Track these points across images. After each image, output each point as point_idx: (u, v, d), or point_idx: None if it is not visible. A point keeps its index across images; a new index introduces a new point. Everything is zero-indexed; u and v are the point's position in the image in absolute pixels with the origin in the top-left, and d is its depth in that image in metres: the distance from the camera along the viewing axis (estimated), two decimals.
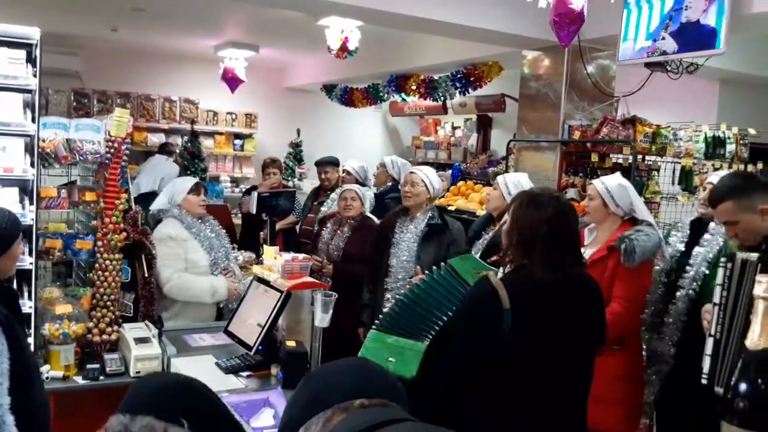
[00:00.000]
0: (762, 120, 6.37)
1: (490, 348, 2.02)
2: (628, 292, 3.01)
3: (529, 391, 2.06)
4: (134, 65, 8.64)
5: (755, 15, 4.03)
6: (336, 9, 4.86)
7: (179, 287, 3.55)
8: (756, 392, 1.17)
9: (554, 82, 5.47)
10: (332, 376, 1.11)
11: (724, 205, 2.50)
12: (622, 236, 3.04)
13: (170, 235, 3.59)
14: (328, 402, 1.05)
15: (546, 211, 2.13)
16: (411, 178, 3.89)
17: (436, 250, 3.71)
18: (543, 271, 2.07)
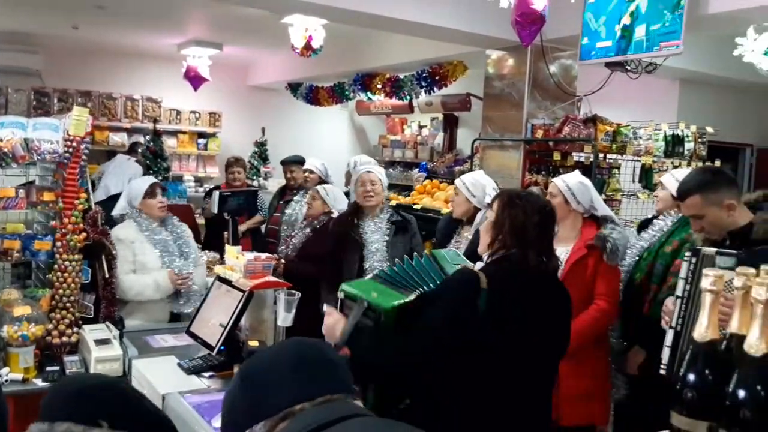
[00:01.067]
0: (720, 118, 6.53)
1: (466, 328, 2.04)
2: (610, 287, 3.12)
3: (498, 376, 2.08)
4: (96, 63, 8.50)
5: (712, 15, 4.13)
6: (299, 7, 4.84)
7: (123, 289, 3.51)
8: (703, 383, 1.20)
9: (517, 81, 5.53)
10: (270, 379, 1.07)
11: (692, 198, 2.53)
12: (601, 235, 3.12)
13: (118, 236, 3.56)
14: (269, 411, 1.03)
15: (537, 202, 2.21)
16: (370, 177, 3.87)
17: (403, 244, 3.76)
18: (533, 255, 2.12)
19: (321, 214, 4.32)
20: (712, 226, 2.51)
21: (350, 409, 1.02)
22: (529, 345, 2.09)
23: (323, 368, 1.09)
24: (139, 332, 3.31)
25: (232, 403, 1.09)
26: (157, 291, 3.56)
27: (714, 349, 1.22)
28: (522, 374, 2.11)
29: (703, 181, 2.55)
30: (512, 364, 2.08)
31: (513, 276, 2.14)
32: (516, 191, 2.37)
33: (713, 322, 1.23)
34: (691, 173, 2.75)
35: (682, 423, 1.21)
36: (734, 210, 2.47)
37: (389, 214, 3.86)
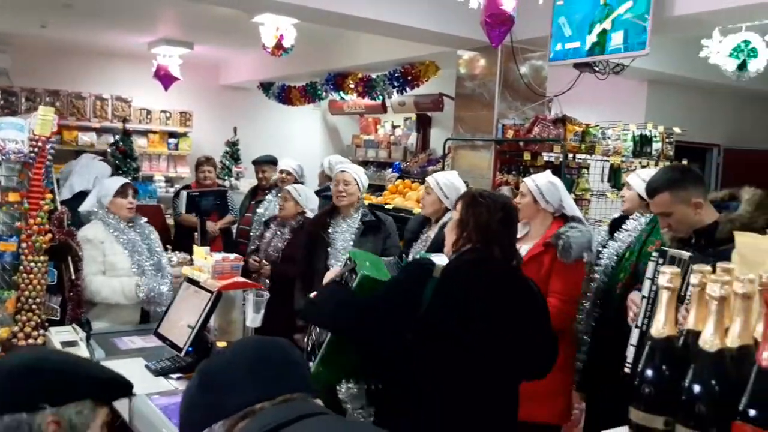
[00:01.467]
0: (687, 119, 6.64)
1: (408, 310, 2.12)
2: (564, 286, 3.12)
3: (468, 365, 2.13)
4: (65, 62, 8.37)
5: (678, 17, 4.20)
6: (270, 6, 4.83)
7: (90, 291, 3.47)
8: (660, 378, 1.22)
9: (488, 81, 5.56)
10: (229, 379, 1.07)
11: (660, 196, 2.56)
12: (557, 233, 3.13)
13: (87, 237, 3.51)
14: (228, 409, 1.03)
15: (499, 200, 2.28)
16: (344, 177, 3.88)
17: (372, 246, 3.72)
18: (498, 250, 2.18)
19: (296, 215, 4.31)
20: (679, 224, 2.55)
21: (310, 408, 1.03)
22: (495, 336, 2.11)
23: (283, 368, 1.09)
24: (106, 334, 3.28)
25: (191, 402, 1.08)
26: (123, 296, 3.53)
27: (671, 345, 1.24)
28: (494, 365, 2.13)
29: (672, 179, 2.59)
30: (481, 354, 2.11)
31: (470, 267, 2.19)
32: (479, 191, 2.42)
33: (670, 319, 1.25)
34: (660, 171, 2.78)
35: (639, 418, 1.23)
36: (701, 208, 2.51)
37: (363, 214, 3.85)
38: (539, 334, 2.25)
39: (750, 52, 4.39)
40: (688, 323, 1.25)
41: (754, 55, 4.39)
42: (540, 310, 2.28)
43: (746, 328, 1.17)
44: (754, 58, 4.39)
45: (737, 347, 1.17)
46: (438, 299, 2.12)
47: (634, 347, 2.22)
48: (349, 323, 2.24)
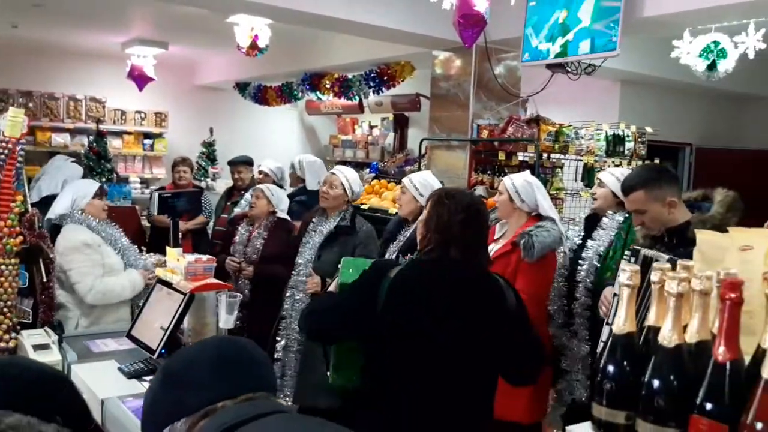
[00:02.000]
0: (659, 119, 6.73)
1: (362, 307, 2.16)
2: (529, 285, 3.12)
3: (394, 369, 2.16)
4: (37, 63, 8.26)
5: (647, 18, 4.25)
6: (243, 6, 4.81)
7: (103, 292, 3.46)
8: (621, 374, 1.25)
9: (463, 82, 5.59)
10: (191, 377, 1.08)
11: (636, 194, 2.61)
12: (522, 232, 3.16)
13: (85, 241, 3.48)
14: (190, 406, 1.04)
15: (462, 201, 2.25)
16: (330, 179, 3.88)
17: (339, 252, 3.63)
18: (456, 251, 2.17)
19: (267, 214, 4.30)
20: (652, 222, 2.59)
21: (271, 407, 1.04)
22: (447, 335, 2.12)
23: (245, 367, 1.10)
24: (78, 337, 3.25)
25: (154, 399, 1.09)
26: (133, 290, 3.56)
27: (631, 342, 1.27)
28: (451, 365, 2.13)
29: (648, 177, 2.64)
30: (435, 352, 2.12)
31: (423, 268, 2.22)
32: (447, 190, 2.41)
33: (630, 316, 1.28)
34: (636, 170, 2.83)
35: (602, 413, 1.25)
36: (675, 207, 2.56)
37: (341, 219, 3.83)
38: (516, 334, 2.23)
39: (719, 52, 4.46)
40: (649, 319, 1.27)
41: (724, 55, 4.46)
42: (511, 312, 2.23)
43: (704, 323, 1.21)
44: (724, 59, 4.47)
45: (695, 342, 1.20)
46: (394, 298, 2.13)
47: (605, 343, 2.25)
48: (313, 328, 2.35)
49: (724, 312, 1.12)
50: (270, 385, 1.11)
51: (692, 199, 2.72)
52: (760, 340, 1.14)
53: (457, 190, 2.39)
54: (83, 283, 3.44)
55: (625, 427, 1.22)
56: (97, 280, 3.46)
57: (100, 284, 3.46)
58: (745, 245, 1.34)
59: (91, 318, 3.52)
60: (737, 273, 1.21)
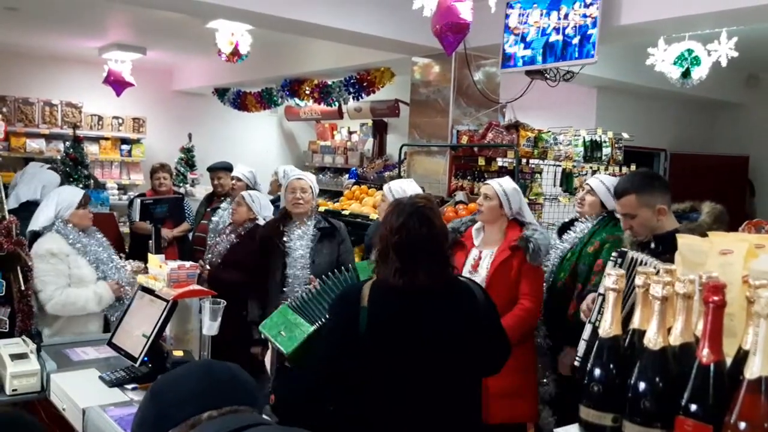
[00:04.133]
0: (635, 125, 6.83)
1: (347, 343, 2.09)
2: (533, 287, 3.21)
3: (386, 391, 2.11)
4: (11, 67, 8.15)
5: (624, 26, 4.32)
6: (223, 12, 4.80)
7: (63, 303, 3.40)
8: (608, 376, 1.27)
9: (443, 88, 5.63)
10: (177, 390, 1.11)
11: (627, 198, 2.66)
12: (524, 237, 3.21)
13: (51, 251, 3.42)
14: (175, 419, 1.06)
15: (396, 221, 2.15)
16: (300, 184, 3.87)
17: (329, 252, 3.77)
18: (395, 278, 2.10)
19: (246, 221, 4.29)
20: (640, 227, 2.64)
21: (256, 419, 1.06)
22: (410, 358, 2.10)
23: (230, 383, 1.14)
24: (58, 345, 3.20)
25: (142, 416, 1.11)
26: (99, 303, 3.49)
27: (617, 345, 1.29)
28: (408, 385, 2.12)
29: (641, 183, 2.69)
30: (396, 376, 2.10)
31: (390, 292, 2.13)
32: (393, 205, 2.29)
33: (616, 319, 1.30)
34: (629, 175, 2.91)
35: (589, 416, 1.27)
36: (664, 215, 2.61)
37: (317, 221, 3.87)
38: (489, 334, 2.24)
39: (693, 60, 4.55)
40: (634, 322, 1.30)
41: (697, 63, 4.55)
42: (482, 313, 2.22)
43: (688, 326, 1.23)
44: (697, 66, 4.56)
45: (679, 345, 1.22)
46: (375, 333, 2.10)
47: (585, 342, 2.28)
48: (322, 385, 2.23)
49: (708, 315, 1.15)
50: (254, 401, 1.13)
51: (681, 210, 2.78)
52: (741, 342, 1.17)
53: (399, 204, 2.24)
54: (45, 292, 3.39)
55: (612, 428, 1.24)
56: (58, 290, 3.40)
57: (61, 295, 3.41)
58: (725, 249, 1.37)
59: (53, 329, 3.47)
60: (718, 276, 1.23)
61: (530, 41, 4.64)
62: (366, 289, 2.13)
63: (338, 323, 2.15)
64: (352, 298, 2.13)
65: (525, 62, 4.70)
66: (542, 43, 4.55)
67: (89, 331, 3.51)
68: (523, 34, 4.68)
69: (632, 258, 2.27)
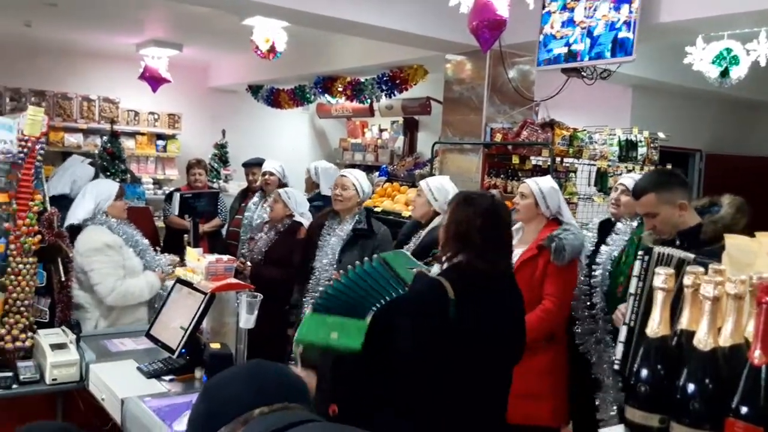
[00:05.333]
0: (671, 124, 6.72)
1: (437, 338, 2.07)
2: (558, 289, 3.15)
3: (463, 382, 2.12)
4: (50, 62, 8.29)
5: (663, 24, 4.26)
6: (260, 9, 4.83)
7: (123, 294, 3.49)
8: (655, 377, 1.25)
9: (477, 85, 5.60)
10: (229, 388, 1.12)
11: (647, 197, 2.63)
12: (550, 235, 3.16)
13: (107, 243, 3.50)
14: (228, 416, 1.07)
15: (480, 206, 2.21)
16: (342, 181, 3.90)
17: (359, 255, 3.63)
18: (480, 261, 2.14)
19: (283, 218, 4.33)
20: (663, 225, 2.61)
21: (307, 416, 1.06)
22: (491, 351, 2.13)
23: (280, 381, 1.15)
24: (96, 336, 3.27)
25: (195, 414, 1.13)
26: (151, 292, 3.59)
27: (665, 345, 1.28)
28: (482, 379, 2.14)
29: (659, 181, 2.66)
30: (479, 365, 2.13)
31: (474, 284, 2.15)
32: (468, 194, 2.36)
33: (665, 319, 1.28)
34: (646, 174, 2.86)
35: (635, 416, 1.26)
36: (685, 210, 2.58)
37: (357, 221, 3.85)
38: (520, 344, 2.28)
39: (732, 59, 4.47)
40: (682, 323, 1.28)
41: (736, 62, 4.47)
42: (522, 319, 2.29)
43: (738, 327, 1.21)
44: (736, 66, 4.48)
45: (729, 346, 1.20)
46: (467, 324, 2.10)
47: (623, 344, 2.26)
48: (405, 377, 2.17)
49: (760, 315, 1.13)
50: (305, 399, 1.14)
51: (700, 206, 2.73)
52: None
53: (477, 194, 2.36)
54: (104, 285, 3.45)
55: (659, 429, 1.23)
56: (119, 282, 3.48)
57: (122, 286, 3.48)
58: None
59: (110, 320, 3.55)
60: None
61: (567, 38, 4.59)
62: (445, 282, 2.11)
63: (426, 319, 2.10)
64: (437, 292, 2.10)
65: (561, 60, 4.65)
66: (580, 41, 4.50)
67: (138, 319, 3.60)
68: (560, 30, 4.63)
69: (659, 254, 2.24)
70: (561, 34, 4.61)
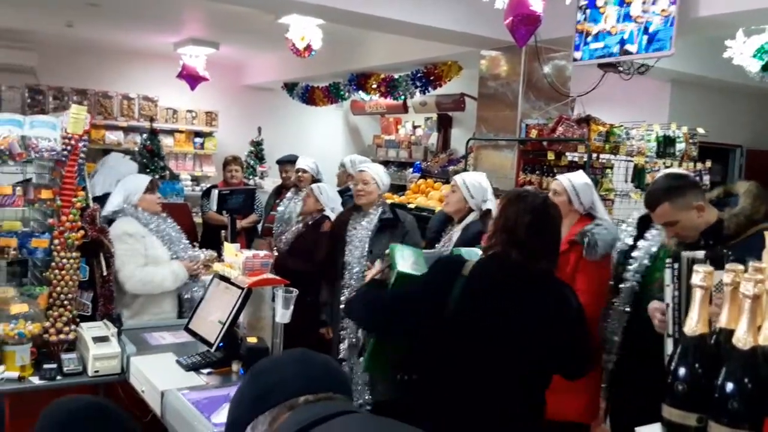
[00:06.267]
0: (710, 120, 6.59)
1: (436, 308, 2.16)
2: (590, 284, 3.10)
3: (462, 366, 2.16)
4: (91, 61, 8.48)
5: (702, 18, 4.18)
6: (295, 7, 4.87)
7: (142, 281, 3.53)
8: (693, 376, 1.24)
9: (512, 81, 5.57)
10: (277, 372, 1.13)
11: (662, 207, 2.56)
12: (582, 230, 3.13)
13: (127, 231, 3.56)
14: (274, 401, 1.08)
15: (531, 203, 2.25)
16: (362, 176, 3.99)
17: (389, 243, 3.74)
18: (516, 252, 2.17)
19: (314, 212, 4.39)
20: (686, 230, 2.54)
21: (349, 407, 1.08)
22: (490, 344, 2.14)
23: (326, 371, 1.16)
24: (137, 330, 3.34)
25: (240, 397, 1.14)
26: (175, 281, 3.62)
27: (704, 344, 1.26)
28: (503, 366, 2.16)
29: (670, 187, 2.58)
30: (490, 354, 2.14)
31: (492, 270, 2.21)
32: (519, 191, 2.43)
33: (703, 317, 1.27)
34: (656, 182, 2.77)
35: (672, 415, 1.25)
36: (704, 210, 2.52)
37: (381, 212, 3.92)
38: (571, 337, 2.27)
39: None
40: (721, 321, 1.26)
41: None
42: (572, 316, 2.28)
43: None
44: None
45: None
46: (468, 302, 2.15)
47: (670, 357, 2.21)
48: (376, 322, 2.38)
49: None
50: (348, 390, 1.16)
51: (715, 197, 2.66)
52: None
53: (530, 193, 2.38)
54: (124, 271, 3.51)
55: (697, 429, 1.21)
56: (138, 269, 3.53)
57: (140, 273, 3.53)
58: None
59: (132, 310, 3.60)
60: None
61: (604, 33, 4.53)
62: (469, 263, 2.22)
63: (433, 282, 2.24)
64: (455, 264, 2.24)
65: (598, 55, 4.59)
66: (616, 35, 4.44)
67: (164, 311, 3.65)
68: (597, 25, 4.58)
69: (688, 258, 2.19)
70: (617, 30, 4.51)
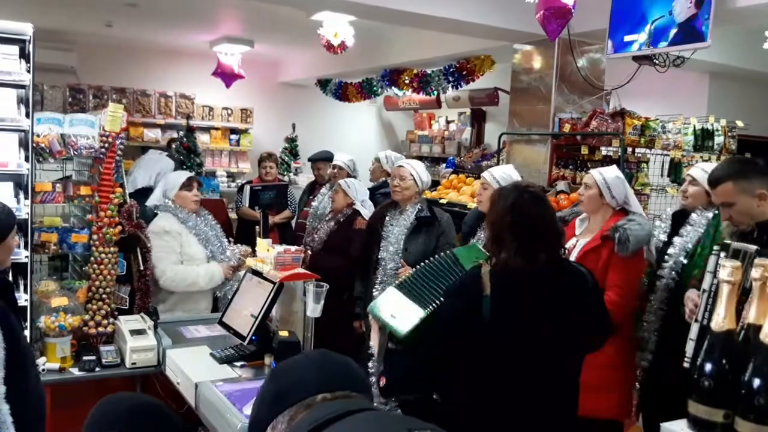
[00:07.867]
0: (750, 112, 6.43)
1: (467, 331, 2.08)
2: (622, 280, 3.08)
3: (504, 379, 2.11)
4: (129, 60, 8.63)
5: (740, 9, 4.09)
6: (328, 4, 4.90)
7: (174, 278, 3.59)
8: (720, 372, 1.23)
9: (545, 75, 5.52)
10: (295, 372, 1.16)
11: (723, 186, 2.53)
12: (615, 226, 3.09)
13: (165, 228, 3.63)
14: (292, 399, 1.11)
15: (507, 202, 2.17)
16: (399, 172, 3.94)
17: (424, 242, 3.77)
18: (515, 259, 2.10)
19: (345, 207, 4.40)
20: (741, 215, 2.50)
21: (366, 405, 1.10)
22: (535, 343, 2.10)
23: (344, 370, 1.18)
24: (173, 323, 3.41)
25: (261, 397, 1.18)
26: (210, 282, 3.66)
27: (731, 339, 1.25)
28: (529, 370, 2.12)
29: (736, 169, 2.55)
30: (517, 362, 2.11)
31: (510, 279, 2.13)
32: (501, 189, 2.32)
33: (730, 313, 1.25)
34: (723, 162, 2.74)
35: (699, 411, 1.24)
36: (765, 200, 2.46)
37: (419, 210, 3.89)
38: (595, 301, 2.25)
39: None
40: (749, 317, 1.25)
41: None
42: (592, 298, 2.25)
43: None
44: None
45: None
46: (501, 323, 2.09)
47: (694, 341, 2.19)
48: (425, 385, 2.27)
49: None
50: (366, 389, 1.18)
51: None
52: None
53: (507, 188, 2.28)
54: (158, 267, 3.58)
55: (723, 425, 1.20)
56: (170, 266, 3.59)
57: (175, 270, 3.60)
58: None
59: (166, 305, 3.66)
60: None
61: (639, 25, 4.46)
62: (485, 277, 2.12)
63: (458, 312, 2.13)
64: (473, 286, 2.12)
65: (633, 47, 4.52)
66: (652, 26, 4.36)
67: (199, 309, 3.71)
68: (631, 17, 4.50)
69: (736, 250, 2.15)
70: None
